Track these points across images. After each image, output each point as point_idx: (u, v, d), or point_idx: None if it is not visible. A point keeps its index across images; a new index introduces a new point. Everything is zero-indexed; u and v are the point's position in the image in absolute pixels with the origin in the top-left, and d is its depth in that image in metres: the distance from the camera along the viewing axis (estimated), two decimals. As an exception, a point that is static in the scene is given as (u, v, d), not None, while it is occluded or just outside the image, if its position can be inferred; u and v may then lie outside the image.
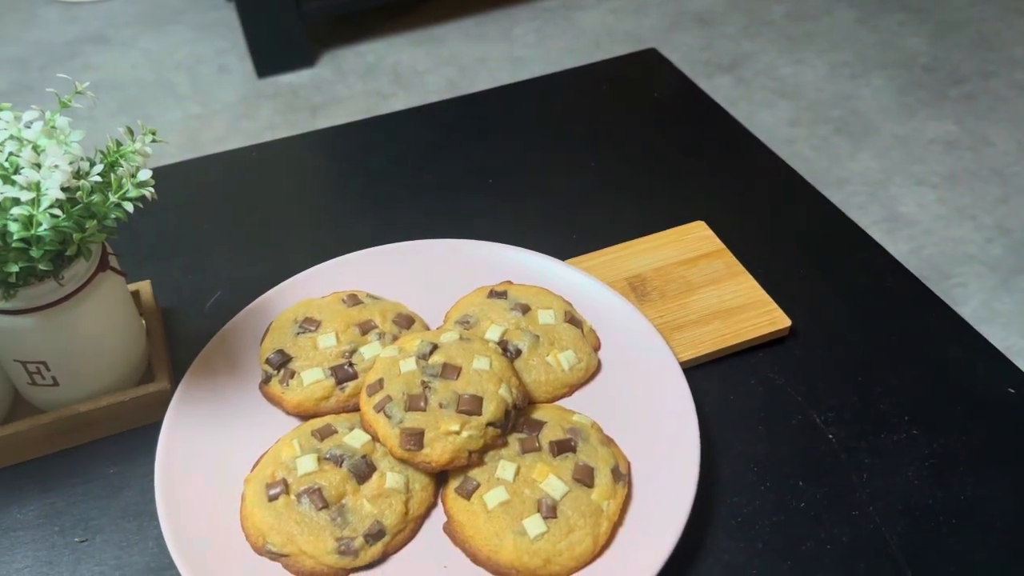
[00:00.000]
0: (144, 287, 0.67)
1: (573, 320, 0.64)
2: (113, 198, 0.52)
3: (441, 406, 0.55)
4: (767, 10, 2.21)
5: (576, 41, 2.16)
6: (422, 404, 0.55)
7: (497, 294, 0.65)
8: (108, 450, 0.61)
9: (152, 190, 0.54)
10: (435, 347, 0.58)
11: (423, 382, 0.56)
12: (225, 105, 2.01)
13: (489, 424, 0.55)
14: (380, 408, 0.56)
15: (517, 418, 0.58)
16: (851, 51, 2.06)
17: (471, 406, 0.55)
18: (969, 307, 1.44)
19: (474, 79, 2.04)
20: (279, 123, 1.94)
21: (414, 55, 2.14)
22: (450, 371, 0.57)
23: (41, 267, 0.51)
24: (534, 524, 0.52)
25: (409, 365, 0.58)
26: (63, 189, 0.50)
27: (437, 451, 0.54)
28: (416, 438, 0.54)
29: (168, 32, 2.26)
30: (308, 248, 0.75)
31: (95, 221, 0.52)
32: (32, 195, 0.49)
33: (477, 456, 0.55)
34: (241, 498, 0.55)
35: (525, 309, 0.64)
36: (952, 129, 1.81)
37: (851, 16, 2.17)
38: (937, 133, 1.80)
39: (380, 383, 0.57)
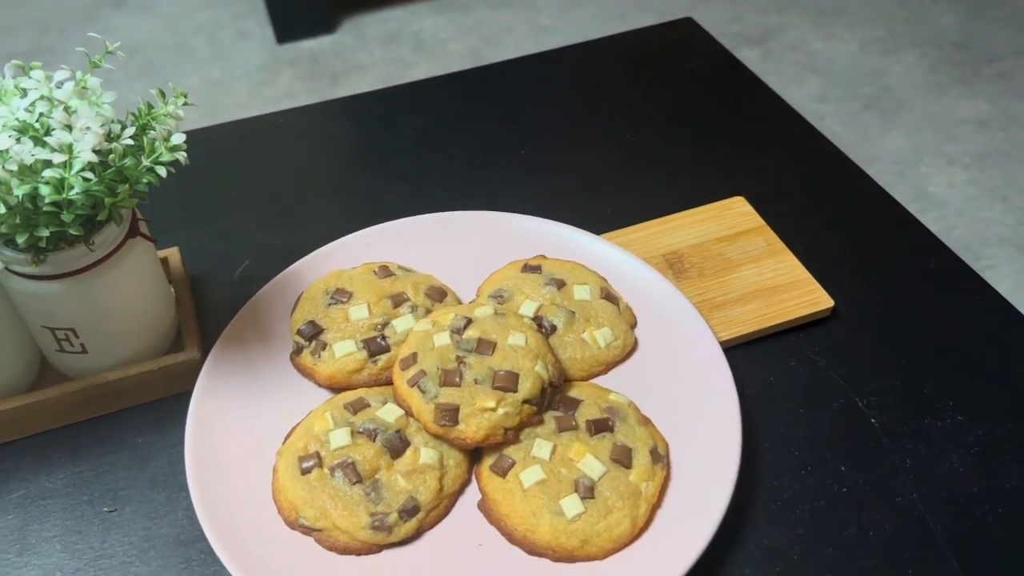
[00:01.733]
0: (173, 254, 0.66)
1: (609, 296, 0.63)
2: (146, 162, 0.51)
3: (476, 382, 0.54)
4: (796, -18, 2.16)
5: (601, 11, 2.12)
6: (457, 379, 0.54)
7: (531, 268, 0.64)
8: (137, 419, 0.60)
9: (185, 154, 0.52)
10: (469, 321, 0.57)
11: (458, 357, 0.55)
12: (245, 71, 1.99)
13: (525, 401, 0.54)
14: (414, 383, 0.55)
15: (553, 396, 0.56)
16: (883, 27, 2.01)
17: (507, 382, 0.54)
18: (1000, 289, 1.42)
19: (498, 48, 2.02)
20: (299, 90, 1.92)
21: (436, 23, 2.11)
22: (485, 346, 0.56)
23: (72, 232, 0.49)
24: (571, 504, 0.51)
25: (443, 339, 0.56)
26: (95, 152, 0.49)
27: (472, 428, 0.53)
28: (451, 414, 0.53)
29: (187, -4, 2.24)
30: (337, 218, 0.73)
31: (127, 185, 0.51)
32: (64, 157, 0.47)
33: (513, 434, 0.54)
34: (273, 471, 0.54)
35: (560, 284, 0.62)
36: (985, 108, 1.77)
37: (883, -10, 2.13)
38: (969, 112, 1.77)
39: (414, 357, 0.56)
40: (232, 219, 0.74)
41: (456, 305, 0.62)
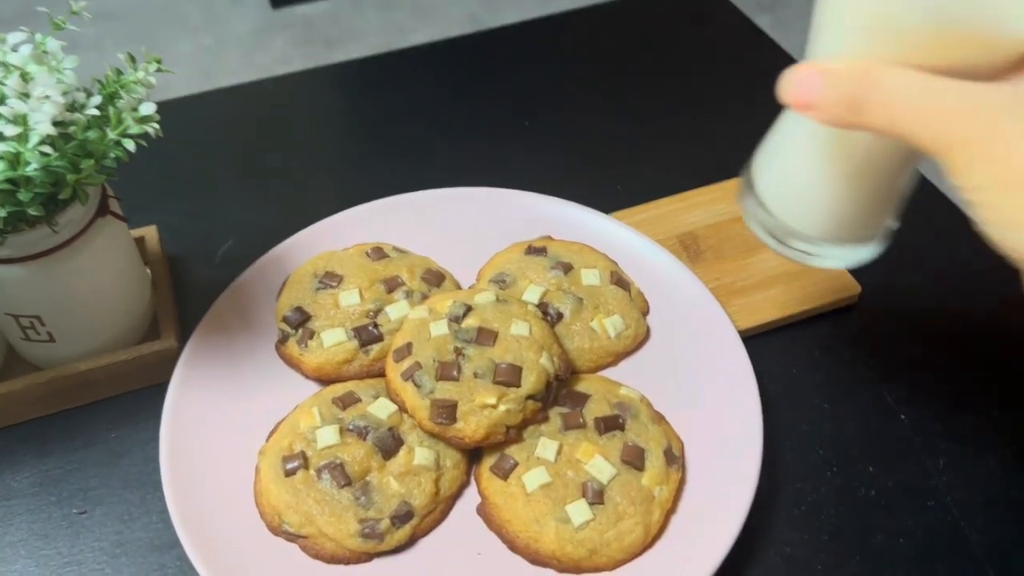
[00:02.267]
0: (150, 233, 0.61)
1: (620, 281, 0.58)
2: (112, 134, 0.46)
3: (476, 376, 0.50)
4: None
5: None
6: (455, 373, 0.50)
7: (536, 250, 0.59)
8: (109, 413, 0.55)
9: (157, 126, 0.47)
10: (469, 309, 0.53)
11: (456, 348, 0.51)
12: (237, 37, 1.93)
13: (529, 397, 0.50)
14: (408, 376, 0.50)
15: (559, 390, 0.52)
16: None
17: (509, 376, 0.49)
18: None
19: (498, 13, 1.95)
20: (293, 56, 1.87)
21: (436, -12, 2.05)
22: (486, 336, 0.51)
23: (31, 212, 0.45)
24: (579, 510, 0.47)
25: (440, 328, 0.52)
26: (55, 124, 0.44)
27: (472, 426, 0.49)
28: (448, 411, 0.49)
29: (179, -42, 2.17)
30: (328, 194, 0.69)
31: (92, 160, 0.46)
32: (19, 130, 0.43)
33: (515, 432, 0.50)
34: (255, 471, 0.50)
35: (567, 268, 0.58)
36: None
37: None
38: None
39: (408, 348, 0.52)
40: (214, 195, 0.69)
41: (455, 290, 0.58)
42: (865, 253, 0.44)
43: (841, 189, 0.41)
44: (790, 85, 0.35)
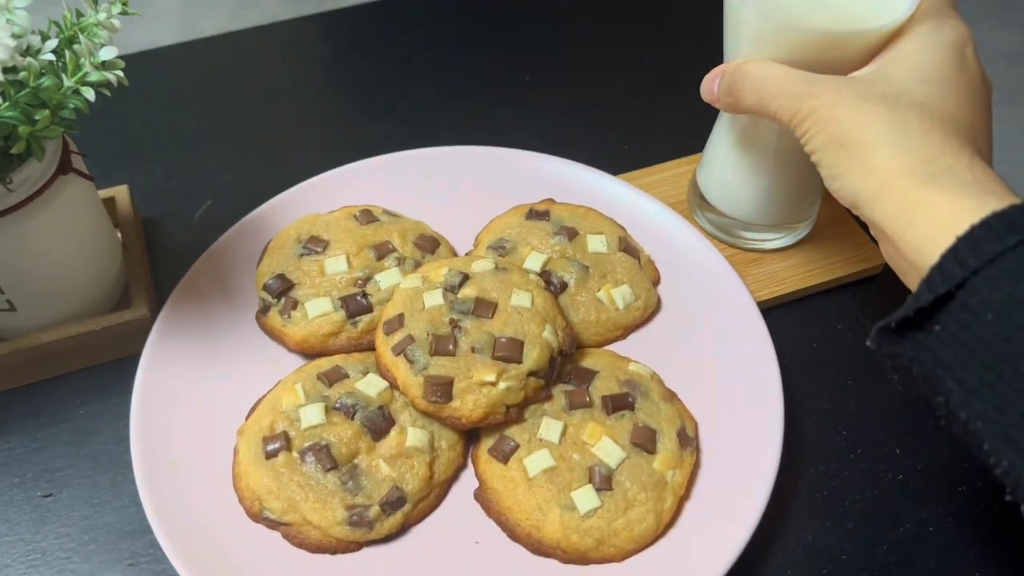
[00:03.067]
0: (120, 193, 0.57)
1: (628, 248, 0.54)
2: (69, 82, 0.42)
3: (473, 350, 0.46)
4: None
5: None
6: (450, 347, 0.46)
7: (538, 214, 0.55)
8: (77, 386, 0.51)
9: (120, 74, 0.43)
10: (466, 278, 0.49)
11: (452, 320, 0.47)
12: (226, -9, 1.86)
13: (531, 374, 0.46)
14: (400, 350, 0.46)
15: (563, 366, 0.48)
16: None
17: (509, 351, 0.46)
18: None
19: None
20: (283, 12, 1.80)
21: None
22: (484, 307, 0.47)
23: (-20, 168, 0.40)
24: (585, 497, 0.44)
25: (435, 299, 0.48)
26: (5, 70, 0.40)
27: (469, 405, 0.45)
28: (444, 388, 0.45)
29: (165, -90, 2.09)
30: (314, 152, 0.64)
31: (47, 111, 0.41)
32: (-39, 75, 0.38)
33: (516, 412, 0.46)
34: (233, 452, 0.46)
35: (572, 234, 0.54)
36: (1017, 41, 1.67)
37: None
38: (999, 44, 1.67)
39: (400, 319, 0.47)
40: (194, 153, 0.65)
41: (450, 258, 0.53)
42: (801, 233, 0.56)
43: (764, 179, 0.52)
44: (702, 87, 0.47)
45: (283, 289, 0.51)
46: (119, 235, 0.55)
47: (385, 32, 0.76)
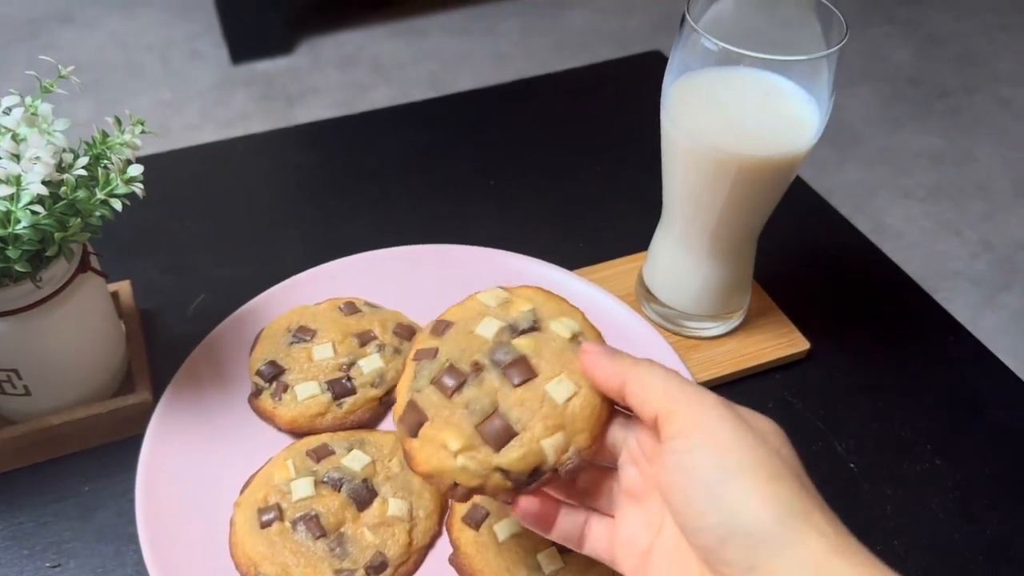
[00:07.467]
0: (124, 288, 0.62)
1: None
2: (100, 194, 0.48)
3: (467, 407, 0.41)
4: (752, 15, 2.19)
5: (562, 40, 2.13)
6: (450, 387, 0.41)
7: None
8: (83, 466, 0.56)
9: (141, 186, 0.49)
10: (534, 330, 0.44)
11: (476, 363, 0.42)
12: (197, 91, 1.94)
13: (500, 470, 0.40)
14: (420, 357, 0.43)
15: (549, 482, 0.41)
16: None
17: (493, 433, 0.40)
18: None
19: (456, 74, 2.00)
20: (253, 112, 1.88)
21: (395, 47, 2.09)
22: (518, 371, 0.41)
23: (18, 268, 0.46)
24: (549, 558, 0.49)
25: (489, 329, 0.43)
26: (44, 183, 0.46)
27: (422, 454, 0.41)
28: (415, 422, 0.41)
29: (137, 13, 2.19)
30: (298, 250, 0.70)
31: (79, 219, 0.47)
32: (11, 190, 0.44)
33: (464, 492, 0.41)
34: (230, 523, 0.51)
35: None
36: (937, 142, 1.81)
37: (835, 25, 2.17)
38: (923, 146, 1.80)
39: (446, 326, 0.44)
40: (186, 250, 0.71)
41: (560, 298, 0.49)
42: (735, 322, 0.64)
43: (701, 274, 0.60)
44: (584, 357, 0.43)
45: (275, 374, 0.57)
46: (123, 326, 0.61)
47: (357, 142, 0.83)
